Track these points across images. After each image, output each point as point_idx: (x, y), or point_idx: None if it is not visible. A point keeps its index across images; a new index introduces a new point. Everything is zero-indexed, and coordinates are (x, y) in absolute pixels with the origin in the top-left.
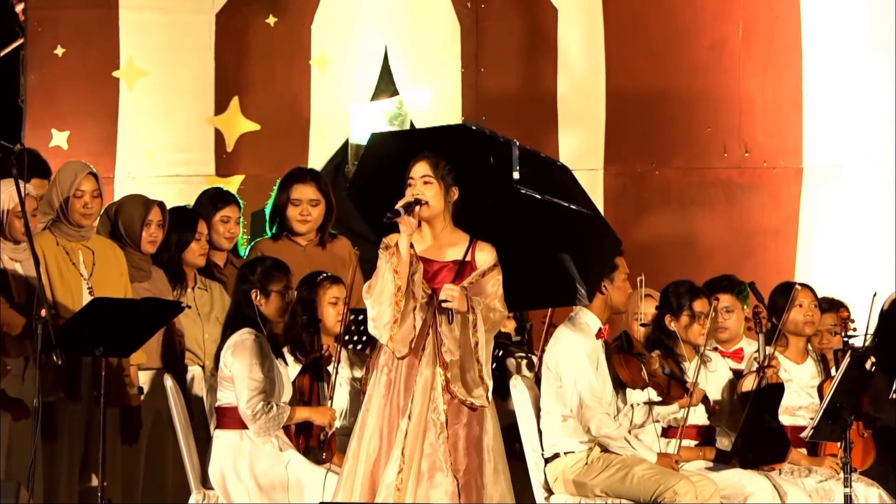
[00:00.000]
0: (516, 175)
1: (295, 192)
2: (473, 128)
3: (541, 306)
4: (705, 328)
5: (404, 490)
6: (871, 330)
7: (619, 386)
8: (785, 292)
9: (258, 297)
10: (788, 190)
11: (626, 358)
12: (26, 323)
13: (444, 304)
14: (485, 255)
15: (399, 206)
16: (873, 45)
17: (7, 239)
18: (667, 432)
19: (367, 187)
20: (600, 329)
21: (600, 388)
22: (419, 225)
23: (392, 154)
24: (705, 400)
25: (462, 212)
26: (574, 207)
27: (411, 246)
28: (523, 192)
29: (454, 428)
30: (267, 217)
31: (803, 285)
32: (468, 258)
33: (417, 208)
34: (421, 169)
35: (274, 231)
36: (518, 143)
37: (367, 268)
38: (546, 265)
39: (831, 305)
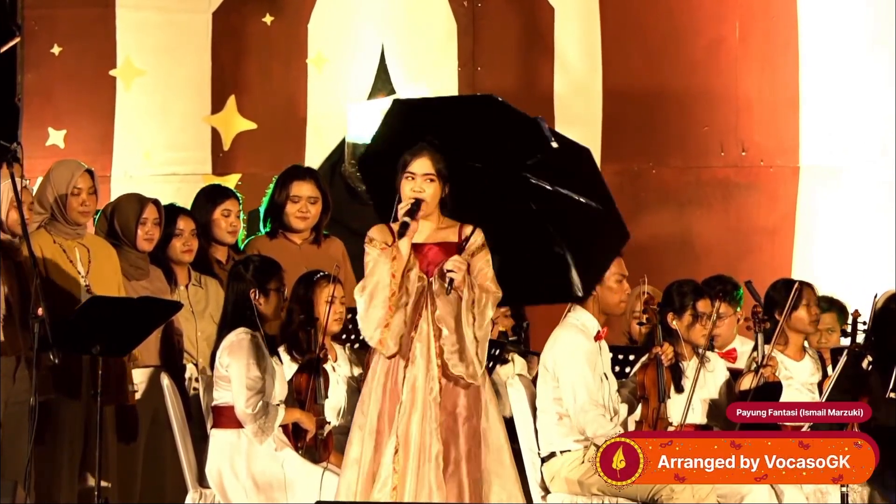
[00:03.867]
0: (554, 145)
1: (294, 188)
2: (500, 99)
3: (536, 302)
4: (707, 328)
5: (402, 472)
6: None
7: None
8: (787, 290)
9: (257, 297)
10: (785, 189)
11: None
12: (24, 321)
13: (448, 274)
14: (474, 235)
15: (403, 215)
16: (871, 44)
17: (4, 232)
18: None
19: (378, 159)
20: (598, 331)
21: (597, 390)
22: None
23: (406, 126)
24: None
25: (458, 196)
26: (583, 200)
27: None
28: (533, 181)
29: (447, 413)
30: (261, 215)
31: (807, 283)
32: (459, 240)
33: (420, 210)
34: (423, 165)
35: (269, 229)
36: (543, 120)
37: (358, 266)
38: (543, 259)
39: (831, 305)
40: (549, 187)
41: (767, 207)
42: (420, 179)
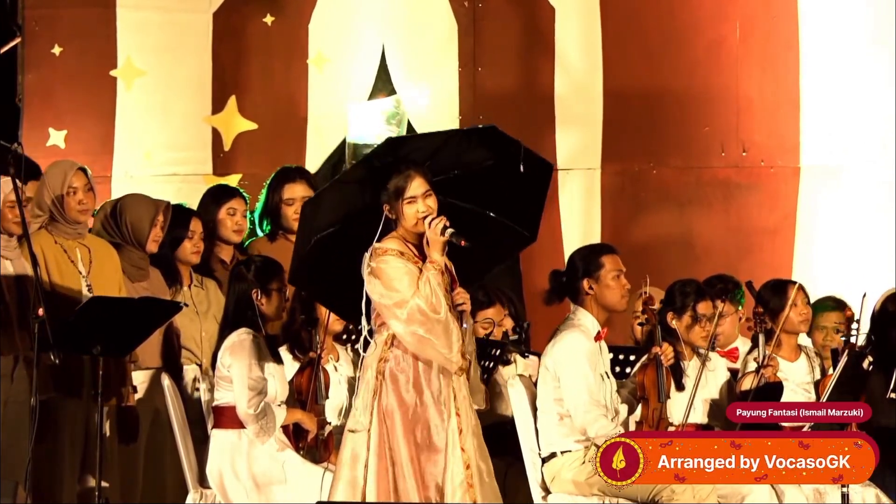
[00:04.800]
0: (521, 168)
1: (287, 192)
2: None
3: None
4: (706, 330)
5: (475, 486)
6: (864, 329)
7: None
8: (777, 290)
9: (259, 297)
10: (786, 189)
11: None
12: (22, 321)
13: (460, 307)
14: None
15: (446, 229)
16: (871, 44)
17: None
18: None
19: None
20: (599, 332)
21: (598, 391)
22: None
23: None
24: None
25: None
26: (466, 206)
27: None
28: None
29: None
30: (256, 219)
31: (795, 283)
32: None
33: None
34: (420, 185)
35: (268, 231)
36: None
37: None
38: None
39: (837, 304)
40: (440, 197)
41: (768, 208)
42: (422, 199)
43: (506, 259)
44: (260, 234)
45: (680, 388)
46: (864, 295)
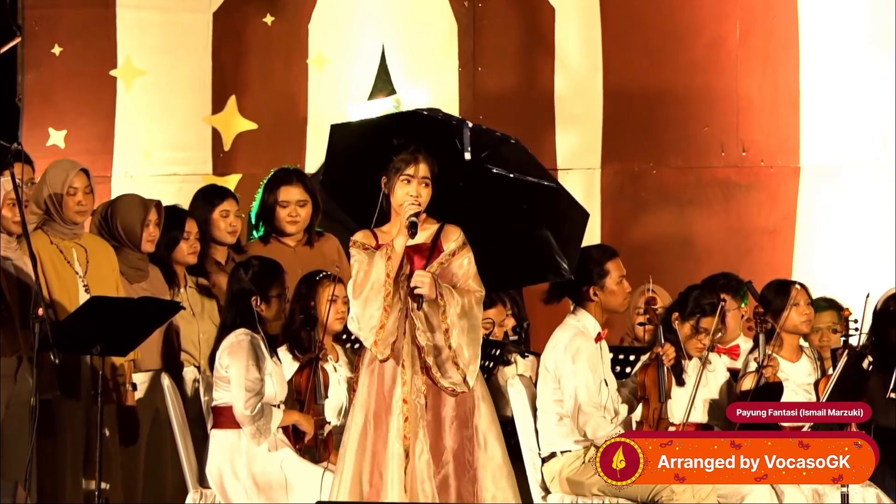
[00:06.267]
0: (467, 156)
1: (282, 193)
2: (425, 113)
3: (525, 283)
4: (702, 343)
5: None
6: (866, 329)
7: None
8: (779, 291)
9: (259, 303)
10: (786, 189)
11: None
12: (24, 320)
13: (415, 291)
14: (451, 237)
15: (411, 216)
16: (871, 44)
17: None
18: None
19: (342, 179)
20: (599, 333)
21: (597, 392)
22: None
23: (359, 144)
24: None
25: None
26: (545, 183)
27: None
28: (494, 171)
29: (436, 410)
30: (253, 219)
31: (799, 284)
32: (437, 241)
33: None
34: (421, 170)
35: (262, 234)
36: (470, 124)
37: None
38: (524, 242)
39: (830, 304)
40: (510, 175)
41: (768, 207)
42: (416, 184)
43: (580, 237)
44: (255, 236)
45: (680, 383)
46: (868, 295)
